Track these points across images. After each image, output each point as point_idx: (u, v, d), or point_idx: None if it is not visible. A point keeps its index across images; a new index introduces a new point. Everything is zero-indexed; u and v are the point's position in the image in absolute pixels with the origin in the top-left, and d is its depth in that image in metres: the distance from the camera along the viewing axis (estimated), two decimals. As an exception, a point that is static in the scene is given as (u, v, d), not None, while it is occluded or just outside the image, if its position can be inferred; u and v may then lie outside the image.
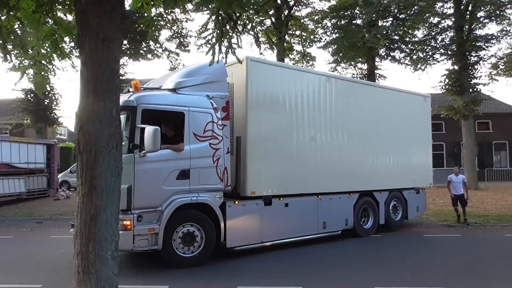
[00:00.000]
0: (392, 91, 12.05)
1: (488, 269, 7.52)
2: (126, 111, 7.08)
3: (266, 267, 7.72)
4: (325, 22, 23.94)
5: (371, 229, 10.90)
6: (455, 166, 17.05)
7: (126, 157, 6.81)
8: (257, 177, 8.51)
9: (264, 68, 8.88)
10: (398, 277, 7.02)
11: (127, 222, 6.89)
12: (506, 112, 33.75)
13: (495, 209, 15.02)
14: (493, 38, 24.02)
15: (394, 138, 11.52)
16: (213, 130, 7.93)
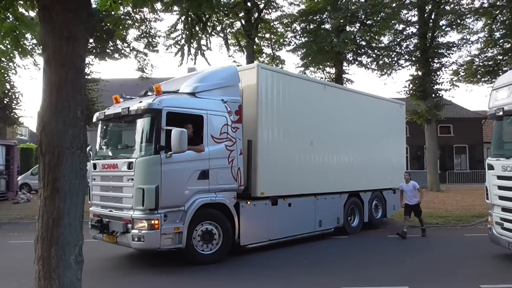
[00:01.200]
0: (375, 98, 12.97)
1: (449, 267, 7.79)
2: (150, 114, 7.48)
3: (237, 270, 7.70)
4: (294, 26, 24.19)
5: (357, 227, 11.72)
6: (419, 168, 17.69)
7: (153, 158, 7.33)
8: (266, 178, 9.00)
9: (273, 75, 9.47)
10: (364, 277, 7.16)
11: (155, 221, 7.19)
12: (466, 117, 35.18)
13: (456, 210, 15.59)
14: (454, 46, 25.05)
15: (376, 142, 12.52)
16: (228, 132, 8.37)
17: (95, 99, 24.72)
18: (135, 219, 7.35)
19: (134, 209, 7.39)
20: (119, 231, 7.55)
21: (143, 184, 7.25)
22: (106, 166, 8.12)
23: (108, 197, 8.11)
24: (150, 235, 7.20)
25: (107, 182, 8.14)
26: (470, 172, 32.90)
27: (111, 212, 7.92)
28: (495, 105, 8.32)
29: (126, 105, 7.99)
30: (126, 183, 7.56)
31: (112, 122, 8.66)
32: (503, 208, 8.03)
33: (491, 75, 24.28)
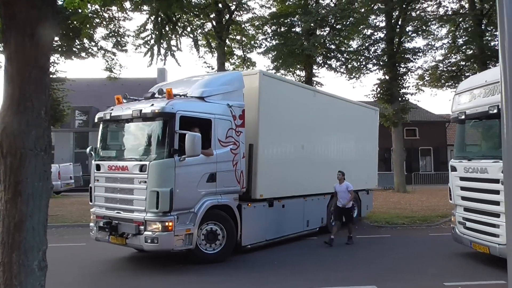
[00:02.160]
0: (354, 104, 13.73)
1: (415, 266, 8.01)
2: (163, 117, 7.57)
3: (205, 273, 7.64)
4: (265, 28, 24.32)
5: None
6: (386, 170, 18.24)
7: (167, 162, 7.47)
8: (264, 181, 9.28)
9: (273, 82, 9.94)
10: (333, 278, 7.26)
11: (169, 223, 7.35)
12: (431, 120, 36.35)
13: (421, 210, 16.04)
14: (420, 51, 25.84)
15: (355, 145, 13.32)
16: (233, 136, 8.63)
17: (60, 99, 24.01)
18: (148, 221, 7.43)
19: (147, 211, 7.44)
20: (130, 233, 7.57)
21: (158, 187, 7.35)
22: (113, 167, 8.08)
23: (115, 199, 8.06)
24: (164, 237, 7.34)
25: (115, 184, 8.07)
26: (435, 174, 34.01)
27: (120, 214, 7.88)
28: (458, 109, 8.63)
29: (135, 107, 7.99)
30: (137, 185, 7.60)
31: (119, 123, 8.54)
32: (465, 208, 8.33)
33: (454, 80, 25.20)
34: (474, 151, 9.00)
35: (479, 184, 7.79)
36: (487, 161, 7.60)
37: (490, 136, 8.24)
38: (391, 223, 13.34)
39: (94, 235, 8.41)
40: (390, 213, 15.22)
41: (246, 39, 24.24)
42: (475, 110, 7.98)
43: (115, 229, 7.78)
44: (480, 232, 7.81)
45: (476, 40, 23.18)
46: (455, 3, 26.34)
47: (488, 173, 7.52)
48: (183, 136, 7.49)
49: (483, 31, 23.71)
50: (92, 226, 8.47)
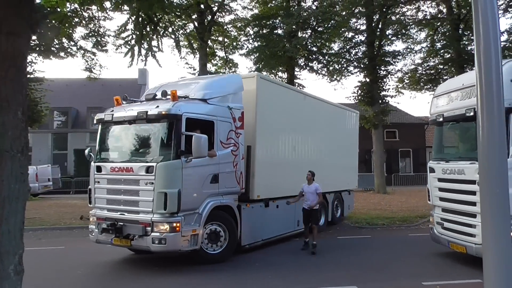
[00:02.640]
0: (338, 107, 14.17)
1: (395, 266, 8.13)
2: (170, 119, 7.66)
3: (183, 275, 7.58)
4: (247, 29, 24.34)
5: (324, 226, 12.46)
6: (367, 171, 18.59)
7: (175, 163, 7.56)
8: (261, 181, 9.47)
9: (269, 85, 10.20)
10: (315, 279, 7.30)
11: (177, 224, 7.43)
12: (410, 123, 36.99)
13: (400, 211, 16.30)
14: (400, 55, 26.32)
15: (339, 147, 13.75)
16: (233, 138, 8.81)
17: (38, 99, 23.49)
18: (155, 222, 7.48)
19: (155, 212, 7.48)
20: (137, 234, 7.56)
21: (165, 188, 7.43)
22: (116, 169, 8.04)
23: (119, 201, 8.02)
24: (171, 238, 7.41)
25: (119, 186, 8.03)
26: (414, 175, 34.58)
27: (125, 216, 7.84)
28: (436, 112, 8.81)
29: (139, 108, 8.01)
30: (144, 186, 7.63)
31: (122, 125, 8.45)
32: (443, 208, 8.50)
33: (433, 83, 25.71)
34: (451, 152, 9.19)
35: (456, 185, 7.96)
36: (464, 162, 7.78)
37: (467, 138, 8.43)
38: (371, 224, 13.52)
39: (94, 237, 8.33)
40: (370, 214, 15.41)
41: (228, 40, 24.20)
42: (452, 113, 8.16)
43: (120, 230, 7.74)
44: (457, 232, 7.98)
45: (454, 44, 23.72)
46: (434, 8, 26.93)
47: (465, 174, 7.69)
48: (189, 137, 7.62)
49: (460, 36, 24.27)
50: (92, 228, 8.37)
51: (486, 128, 2.82)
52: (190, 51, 22.70)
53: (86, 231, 12.52)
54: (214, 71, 24.45)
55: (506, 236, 2.88)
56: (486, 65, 2.78)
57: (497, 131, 2.82)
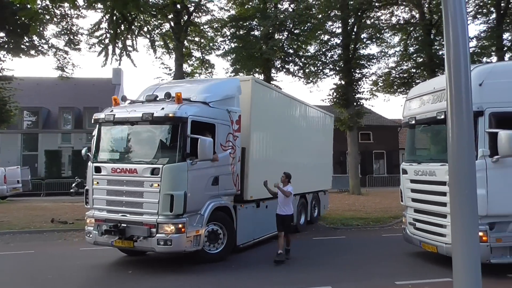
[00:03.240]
0: (316, 110, 14.56)
1: (368, 266, 8.24)
2: (176, 121, 7.72)
3: (156, 276, 7.48)
4: (224, 30, 24.27)
5: (304, 225, 12.93)
6: (342, 173, 19.06)
7: (181, 165, 7.66)
8: (254, 182, 9.62)
9: (262, 89, 10.49)
10: (289, 279, 7.34)
11: (182, 225, 7.54)
12: (384, 125, 37.72)
13: (374, 212, 16.58)
14: (374, 58, 26.81)
15: (317, 149, 14.28)
16: (231, 140, 9.00)
17: (7, 98, 22.73)
18: (160, 224, 7.54)
19: (160, 214, 7.54)
20: (141, 236, 7.57)
21: (172, 190, 7.50)
22: (119, 170, 7.99)
23: (121, 202, 7.97)
24: (177, 239, 7.51)
25: (121, 187, 7.98)
26: (388, 176, 35.26)
27: (127, 217, 7.81)
28: (409, 114, 9.00)
29: (143, 109, 8.01)
30: (148, 188, 7.65)
31: (123, 125, 8.38)
32: (416, 209, 8.68)
33: (406, 87, 26.27)
34: (423, 154, 9.41)
35: (428, 186, 8.14)
36: (435, 164, 7.97)
37: (438, 140, 8.65)
38: (346, 224, 13.69)
39: (92, 239, 8.22)
40: (345, 215, 15.62)
41: (204, 41, 24.07)
42: (424, 116, 8.35)
43: (123, 232, 7.68)
44: (428, 232, 8.16)
45: (426, 48, 24.35)
46: (407, 13, 27.56)
47: (436, 175, 7.87)
48: (193, 140, 7.73)
49: (432, 41, 24.94)
50: (90, 230, 8.25)
51: (455, 130, 2.89)
52: (166, 51, 22.47)
53: (58, 235, 12.32)
54: (190, 71, 24.29)
55: (474, 235, 2.95)
56: (456, 70, 2.84)
57: (466, 133, 2.89)
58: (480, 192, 6.11)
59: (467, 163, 2.92)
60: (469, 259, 2.89)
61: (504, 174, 7.05)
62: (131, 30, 18.22)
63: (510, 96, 7.25)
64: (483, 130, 7.09)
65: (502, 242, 7.09)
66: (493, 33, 23.60)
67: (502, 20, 23.39)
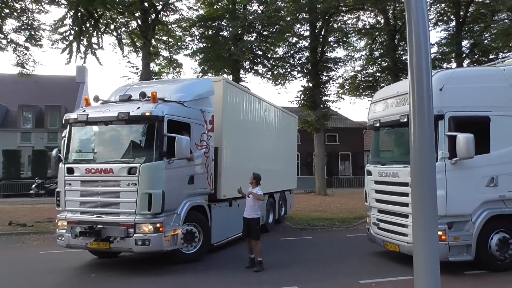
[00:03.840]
0: (283, 112, 14.88)
1: (334, 266, 8.38)
2: (152, 120, 7.73)
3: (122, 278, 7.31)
4: (193, 30, 24.06)
5: (272, 224, 13.18)
6: (308, 174, 19.49)
7: (159, 164, 7.68)
8: (226, 182, 9.78)
9: (233, 89, 10.64)
10: (256, 280, 7.36)
11: (160, 224, 7.53)
12: (350, 127, 38.50)
13: (340, 212, 16.89)
14: (341, 61, 27.36)
15: (284, 149, 14.67)
16: (205, 140, 9.10)
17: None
18: (138, 224, 7.49)
19: (137, 213, 7.49)
20: (118, 237, 7.48)
21: (150, 189, 7.49)
22: (94, 170, 7.86)
23: (96, 203, 7.84)
24: (155, 238, 7.49)
25: (95, 188, 7.85)
26: (353, 178, 36.00)
27: (103, 218, 7.69)
28: (373, 117, 9.22)
29: (118, 109, 7.93)
30: (125, 188, 7.59)
31: (97, 125, 8.20)
32: (379, 210, 8.90)
33: (371, 90, 26.95)
34: (387, 156, 9.66)
35: (391, 188, 8.37)
36: (398, 166, 8.20)
37: (401, 142, 8.91)
38: (312, 225, 13.87)
39: (64, 242, 7.98)
40: (311, 215, 15.83)
41: (172, 40, 23.75)
42: (388, 119, 8.59)
43: (98, 233, 7.53)
44: (391, 232, 8.39)
45: (390, 53, 25.08)
46: (372, 18, 28.28)
47: (399, 177, 8.11)
48: (170, 139, 7.76)
49: (396, 46, 25.73)
50: (62, 232, 8.01)
51: (417, 133, 2.98)
52: (133, 49, 22.01)
53: (16, 238, 11.82)
54: (157, 71, 23.92)
55: (434, 235, 3.06)
56: (418, 74, 2.94)
57: (427, 136, 2.99)
58: (439, 193, 6.34)
59: (428, 165, 3.02)
60: (429, 257, 2.99)
61: (462, 176, 7.34)
62: (97, 28, 17.77)
63: (468, 101, 7.58)
64: (443, 133, 7.36)
65: (459, 240, 7.38)
66: (453, 40, 24.62)
67: (461, 28, 24.42)
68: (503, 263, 7.60)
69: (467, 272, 7.56)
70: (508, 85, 7.81)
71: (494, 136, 7.60)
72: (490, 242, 7.56)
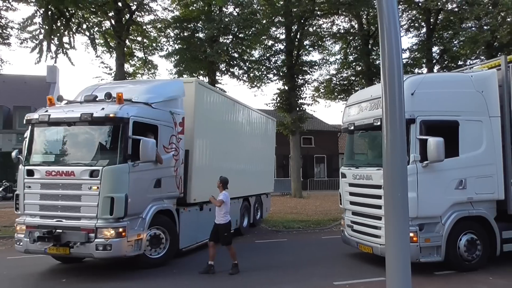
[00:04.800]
0: (259, 114, 14.74)
1: (308, 268, 8.43)
2: (117, 122, 7.51)
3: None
4: (168, 31, 23.82)
5: (247, 228, 13.08)
6: (284, 176, 19.68)
7: (122, 167, 7.45)
8: (197, 185, 9.62)
9: (205, 91, 10.45)
10: (230, 282, 7.36)
11: (123, 229, 7.32)
12: (325, 130, 38.94)
13: (315, 214, 17.02)
14: (316, 65, 27.63)
15: (260, 152, 14.48)
16: (174, 143, 8.89)
17: None
18: (99, 228, 7.28)
19: (99, 218, 7.28)
20: (78, 241, 7.25)
21: (112, 192, 7.28)
22: (54, 173, 7.60)
23: (56, 207, 7.59)
24: (117, 243, 7.28)
25: (56, 191, 7.60)
26: (328, 180, 36.38)
27: (63, 222, 7.44)
28: (348, 120, 9.35)
29: (82, 110, 7.71)
30: (87, 191, 7.38)
31: (60, 126, 7.89)
32: (353, 212, 9.02)
33: (346, 93, 27.35)
34: (361, 159, 9.81)
35: (364, 190, 8.50)
36: (372, 168, 8.34)
37: (375, 146, 9.06)
38: (288, 227, 13.93)
39: (22, 247, 7.68)
40: (287, 217, 15.89)
41: (147, 41, 23.44)
42: (362, 122, 8.72)
43: (58, 238, 7.28)
44: (365, 234, 8.51)
45: (364, 58, 25.55)
46: (347, 23, 28.73)
47: (372, 179, 8.24)
48: (135, 141, 7.55)
49: (370, 50, 26.24)
50: (20, 237, 7.70)
51: (390, 136, 3.04)
52: (106, 50, 21.58)
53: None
54: (132, 72, 23.53)
55: (406, 236, 3.12)
56: (390, 79, 3.00)
57: (399, 139, 3.05)
58: (411, 195, 6.47)
59: (400, 168, 3.08)
60: (400, 258, 3.04)
61: (432, 178, 7.53)
62: (68, 27, 17.33)
63: (438, 106, 7.79)
64: (415, 137, 7.54)
65: (430, 242, 7.56)
66: (424, 46, 25.31)
67: (431, 35, 25.13)
68: (471, 263, 7.84)
69: (437, 272, 7.74)
70: (475, 91, 8.07)
71: (462, 140, 7.83)
72: (459, 243, 7.78)
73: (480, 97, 8.04)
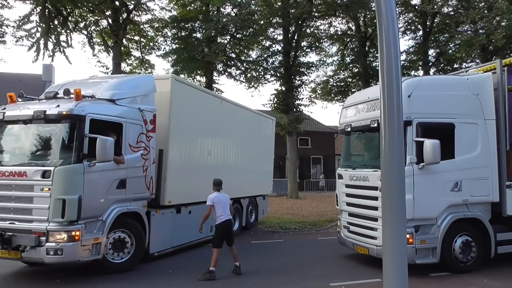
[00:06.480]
0: (255, 113, 14.38)
1: (305, 269, 8.43)
2: (72, 120, 7.19)
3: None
4: (165, 31, 23.80)
5: (238, 231, 12.40)
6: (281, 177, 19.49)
7: (76, 167, 7.06)
8: (173, 187, 9.24)
9: (184, 88, 9.98)
10: (226, 283, 7.33)
11: (76, 232, 6.92)
12: (322, 131, 39.01)
13: (311, 215, 17.04)
14: (313, 66, 27.70)
15: (255, 153, 14.00)
16: (143, 141, 8.46)
17: None
18: (51, 231, 6.89)
19: (51, 221, 6.92)
20: (28, 245, 6.87)
21: (64, 194, 6.91)
22: (7, 173, 7.27)
23: (8, 208, 7.24)
24: (69, 248, 6.89)
25: (7, 192, 7.27)
26: (324, 181, 36.41)
27: (15, 225, 7.08)
28: (345, 122, 9.37)
29: (36, 107, 7.39)
30: (39, 193, 7.02)
31: (14, 125, 7.61)
32: (350, 213, 9.04)
33: (343, 95, 27.43)
34: (358, 160, 9.84)
35: (361, 191, 8.52)
36: (368, 170, 8.36)
37: (372, 147, 9.09)
38: (284, 228, 13.93)
39: None
40: (283, 218, 15.89)
41: (144, 40, 23.41)
42: (359, 123, 8.74)
43: (8, 241, 6.95)
44: (361, 235, 8.53)
45: (361, 59, 25.63)
46: (344, 25, 28.82)
47: (369, 181, 8.26)
48: (93, 140, 7.16)
49: (367, 52, 26.33)
50: None
51: (387, 138, 3.05)
52: (103, 48, 21.54)
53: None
54: (129, 71, 23.50)
55: (403, 238, 3.14)
56: (389, 81, 3.01)
57: (396, 141, 3.06)
58: (407, 197, 6.49)
59: (397, 169, 3.09)
60: (397, 260, 3.05)
61: (428, 180, 7.56)
62: (65, 25, 17.28)
63: (434, 108, 7.83)
64: (411, 139, 7.57)
65: (425, 243, 7.60)
66: (420, 48, 25.44)
67: (427, 38, 25.27)
68: (466, 265, 7.89)
69: (432, 274, 7.78)
70: (471, 94, 8.12)
71: (458, 143, 7.87)
72: (454, 245, 7.82)
73: (475, 100, 8.10)
